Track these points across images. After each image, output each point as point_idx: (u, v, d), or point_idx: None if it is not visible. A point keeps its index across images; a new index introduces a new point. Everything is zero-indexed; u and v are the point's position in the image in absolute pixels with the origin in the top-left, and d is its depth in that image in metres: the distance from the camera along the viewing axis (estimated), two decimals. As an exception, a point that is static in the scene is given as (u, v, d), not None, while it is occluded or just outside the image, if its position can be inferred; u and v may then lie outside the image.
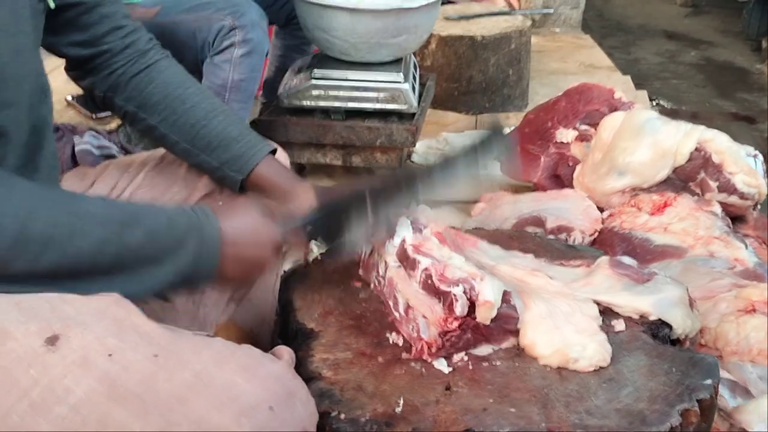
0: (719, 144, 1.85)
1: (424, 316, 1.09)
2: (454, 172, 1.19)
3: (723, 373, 1.30)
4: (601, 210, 1.88)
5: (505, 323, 1.10)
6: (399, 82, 2.29)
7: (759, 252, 1.73)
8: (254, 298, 1.40)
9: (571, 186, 2.00)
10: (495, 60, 3.06)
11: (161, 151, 1.36)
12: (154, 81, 1.24)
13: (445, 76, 3.08)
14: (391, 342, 1.14)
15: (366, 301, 1.25)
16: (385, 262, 1.19)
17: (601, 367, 1.06)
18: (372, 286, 1.26)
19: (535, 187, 2.12)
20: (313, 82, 2.29)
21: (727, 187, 1.79)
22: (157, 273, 0.96)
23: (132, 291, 0.91)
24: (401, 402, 1.01)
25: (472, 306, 1.07)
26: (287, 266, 1.44)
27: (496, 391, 1.03)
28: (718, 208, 1.76)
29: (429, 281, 1.09)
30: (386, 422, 0.98)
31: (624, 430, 0.95)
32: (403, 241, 1.15)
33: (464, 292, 1.05)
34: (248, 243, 1.04)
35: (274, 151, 1.32)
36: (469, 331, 1.08)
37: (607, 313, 1.18)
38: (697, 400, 1.00)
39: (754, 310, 1.38)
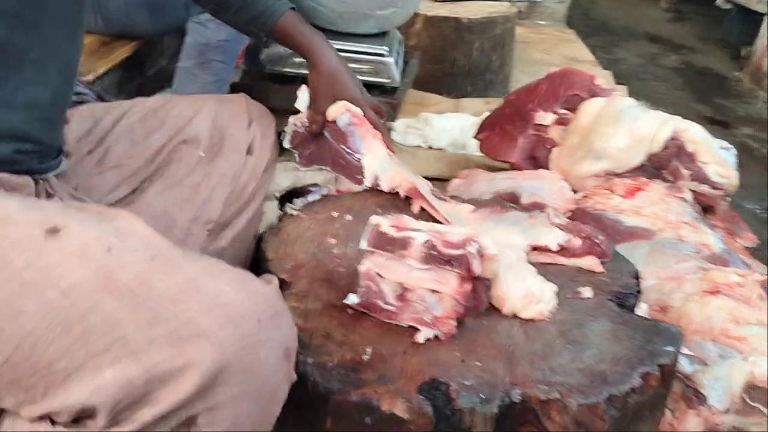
0: (694, 134, 1.88)
1: (434, 291, 1.04)
2: None
3: (684, 350, 1.33)
4: (575, 192, 1.90)
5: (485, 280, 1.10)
6: (383, 55, 2.28)
7: (726, 242, 1.76)
8: (228, 255, 1.39)
9: (547, 168, 2.02)
10: (479, 44, 3.07)
11: (150, 100, 1.37)
12: None
13: (429, 57, 3.07)
14: (361, 296, 1.15)
15: (340, 257, 1.25)
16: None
17: (565, 329, 1.08)
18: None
19: (512, 168, 2.13)
20: (297, 49, 2.27)
21: (699, 176, 1.81)
22: None
23: None
24: (369, 351, 1.02)
25: None
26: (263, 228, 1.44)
27: (463, 346, 1.04)
28: (689, 195, 1.78)
29: (434, 252, 1.04)
30: (353, 368, 0.98)
31: (585, 387, 0.97)
32: (378, 225, 1.08)
33: (477, 251, 1.03)
34: None
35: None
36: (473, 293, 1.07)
37: (575, 279, 1.21)
38: (658, 365, 1.02)
39: (718, 292, 1.41)
